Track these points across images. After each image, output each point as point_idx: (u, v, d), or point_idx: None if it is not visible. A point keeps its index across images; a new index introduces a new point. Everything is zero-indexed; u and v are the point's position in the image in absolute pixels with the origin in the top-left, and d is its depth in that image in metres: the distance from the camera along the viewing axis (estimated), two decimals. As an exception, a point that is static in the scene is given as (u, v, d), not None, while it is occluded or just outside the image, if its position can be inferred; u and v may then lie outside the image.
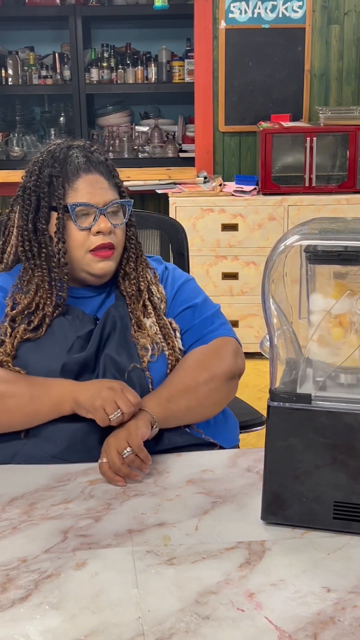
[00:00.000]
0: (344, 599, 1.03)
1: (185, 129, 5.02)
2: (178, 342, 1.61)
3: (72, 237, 1.55)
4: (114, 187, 1.60)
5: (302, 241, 1.15)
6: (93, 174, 1.57)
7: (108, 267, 1.58)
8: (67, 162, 1.56)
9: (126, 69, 4.92)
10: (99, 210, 1.54)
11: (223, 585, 1.06)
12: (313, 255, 1.12)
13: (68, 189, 1.55)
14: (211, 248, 4.17)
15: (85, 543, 1.17)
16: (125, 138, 4.96)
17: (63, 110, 5.10)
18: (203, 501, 1.30)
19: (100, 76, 4.91)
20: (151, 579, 1.08)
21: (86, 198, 1.54)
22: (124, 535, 1.19)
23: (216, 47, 4.53)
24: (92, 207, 1.54)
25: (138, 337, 1.56)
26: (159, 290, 1.67)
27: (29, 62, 4.94)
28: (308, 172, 4.17)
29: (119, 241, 1.59)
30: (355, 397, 1.15)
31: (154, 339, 1.57)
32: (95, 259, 1.56)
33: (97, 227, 1.55)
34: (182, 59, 4.90)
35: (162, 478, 1.39)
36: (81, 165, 1.56)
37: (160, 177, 4.48)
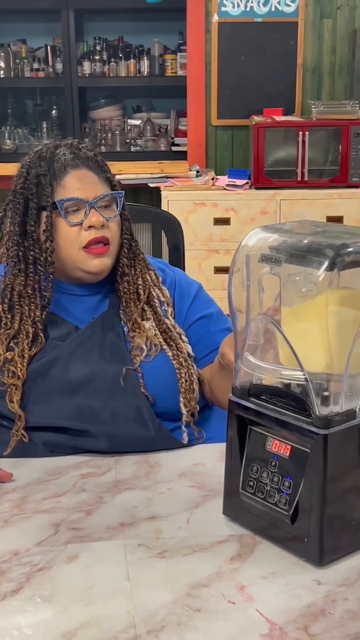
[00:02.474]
0: (334, 591, 1.03)
1: (178, 123, 5.01)
2: (187, 346, 1.60)
3: (62, 235, 1.54)
4: (104, 181, 1.59)
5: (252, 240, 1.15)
6: (81, 169, 1.56)
7: (104, 264, 1.56)
8: (54, 160, 1.56)
9: (118, 62, 4.91)
10: (89, 204, 1.53)
11: (214, 578, 1.06)
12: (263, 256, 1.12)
13: (56, 186, 1.54)
14: (203, 242, 4.17)
15: (77, 536, 1.18)
16: (117, 131, 4.95)
17: (55, 104, 5.09)
18: (195, 494, 1.30)
19: (93, 69, 4.90)
20: (143, 571, 1.08)
21: (76, 193, 1.53)
22: (116, 529, 1.20)
23: (209, 40, 4.53)
24: (81, 202, 1.53)
25: (133, 336, 1.56)
26: (164, 293, 1.65)
27: (21, 55, 4.92)
28: (300, 167, 4.17)
29: (114, 235, 1.58)
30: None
31: (152, 340, 1.56)
32: (89, 256, 1.55)
33: (88, 222, 1.53)
34: (174, 53, 4.90)
35: (153, 472, 1.39)
36: (68, 162, 1.55)
37: (152, 171, 4.48)
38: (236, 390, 1.18)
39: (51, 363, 1.50)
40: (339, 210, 4.15)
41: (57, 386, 1.49)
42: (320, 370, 1.08)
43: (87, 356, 1.51)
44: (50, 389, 1.49)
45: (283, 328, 1.12)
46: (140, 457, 1.45)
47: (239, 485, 1.18)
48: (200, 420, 1.56)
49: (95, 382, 1.49)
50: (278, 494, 1.12)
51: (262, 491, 1.14)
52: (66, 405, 1.47)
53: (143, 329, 1.56)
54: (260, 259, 1.11)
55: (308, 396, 1.08)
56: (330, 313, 1.06)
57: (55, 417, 1.47)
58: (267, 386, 1.17)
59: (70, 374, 1.49)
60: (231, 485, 1.20)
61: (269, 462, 1.14)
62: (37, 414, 1.47)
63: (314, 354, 1.09)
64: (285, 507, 1.11)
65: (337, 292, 1.06)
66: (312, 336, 1.08)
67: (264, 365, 1.16)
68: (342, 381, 1.09)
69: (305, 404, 1.10)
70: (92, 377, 1.49)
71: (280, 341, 1.14)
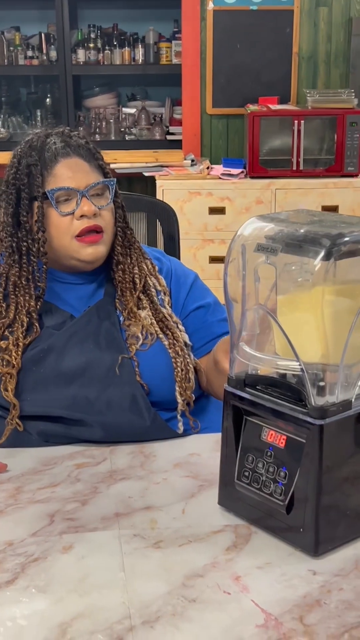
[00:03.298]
0: (329, 581, 1.03)
1: (173, 111, 4.99)
2: (183, 335, 1.60)
3: (54, 225, 1.53)
4: (96, 169, 1.57)
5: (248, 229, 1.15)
6: (72, 158, 1.54)
7: (98, 252, 1.55)
8: (44, 150, 1.54)
9: (113, 50, 4.88)
10: (80, 192, 1.52)
11: (210, 568, 1.06)
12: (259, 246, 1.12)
13: (47, 176, 1.53)
14: (198, 231, 4.16)
15: (72, 526, 1.18)
16: (112, 120, 4.93)
17: (49, 92, 5.06)
18: (190, 485, 1.30)
19: (87, 57, 4.87)
20: (138, 562, 1.08)
21: (66, 182, 1.52)
22: (111, 519, 1.19)
23: (204, 28, 4.50)
24: (72, 191, 1.52)
25: (129, 325, 1.55)
26: (160, 282, 1.65)
27: (14, 43, 4.89)
28: (296, 156, 4.16)
29: (107, 223, 1.57)
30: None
31: (148, 329, 1.56)
32: (82, 245, 1.54)
33: (80, 211, 1.52)
34: (169, 41, 4.87)
35: (149, 462, 1.39)
36: (59, 151, 1.54)
37: (147, 160, 4.46)
38: (232, 380, 1.18)
39: (46, 352, 1.50)
40: (334, 199, 4.14)
41: (52, 375, 1.48)
42: (316, 360, 1.08)
43: (82, 345, 1.51)
44: (45, 377, 1.48)
45: (279, 318, 1.12)
46: (136, 447, 1.45)
47: (234, 475, 1.18)
48: (195, 410, 1.56)
49: (91, 370, 1.49)
50: (273, 484, 1.12)
51: (257, 481, 1.14)
52: (61, 394, 1.47)
53: (139, 317, 1.56)
54: (256, 249, 1.11)
55: (304, 386, 1.08)
56: (327, 303, 1.05)
57: (50, 406, 1.47)
58: (262, 376, 1.17)
59: (65, 363, 1.49)
60: (226, 475, 1.19)
61: (265, 453, 1.14)
62: (32, 403, 1.47)
63: (310, 344, 1.08)
64: (280, 498, 1.11)
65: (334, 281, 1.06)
66: (308, 326, 1.08)
67: (259, 356, 1.16)
68: (338, 371, 1.08)
69: (301, 394, 1.09)
70: (87, 366, 1.49)
71: (276, 331, 1.14)
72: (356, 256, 1.07)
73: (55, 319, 1.55)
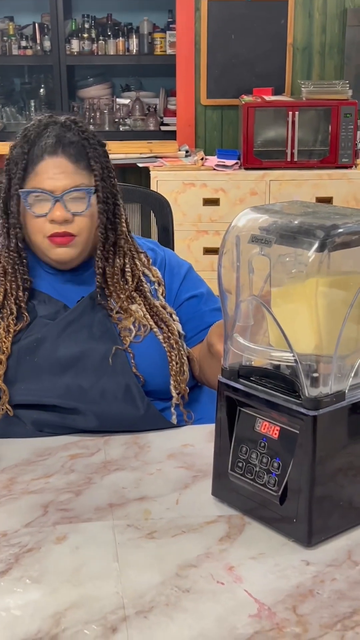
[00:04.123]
0: (322, 572, 1.04)
1: (167, 102, 4.98)
2: (177, 325, 1.60)
3: (29, 222, 1.53)
4: (83, 170, 1.53)
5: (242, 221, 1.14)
6: (58, 157, 1.51)
7: (67, 254, 1.54)
8: (36, 143, 1.52)
9: (107, 40, 4.86)
10: (54, 198, 1.50)
11: (203, 558, 1.07)
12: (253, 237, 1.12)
13: (30, 172, 1.52)
14: (193, 223, 4.16)
15: (65, 517, 1.18)
16: (106, 110, 4.91)
17: (43, 82, 5.04)
18: (184, 475, 1.30)
19: (81, 47, 4.85)
20: (132, 552, 1.08)
21: (44, 184, 1.50)
22: (105, 510, 1.20)
23: (198, 19, 4.49)
24: (46, 194, 1.50)
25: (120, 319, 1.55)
26: (154, 274, 1.64)
27: (8, 33, 4.87)
28: (290, 147, 4.15)
29: (82, 229, 1.53)
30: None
31: (140, 321, 1.55)
32: (51, 245, 1.53)
33: (51, 216, 1.51)
34: (163, 31, 4.85)
35: (142, 453, 1.39)
36: (47, 148, 1.51)
37: (141, 151, 4.45)
38: (225, 371, 1.18)
39: (40, 341, 1.50)
40: (328, 190, 4.14)
41: (46, 364, 1.48)
42: (310, 351, 1.08)
43: (76, 335, 1.51)
44: (39, 366, 1.48)
45: (273, 309, 1.12)
46: (129, 437, 1.45)
47: (228, 466, 1.18)
48: (189, 400, 1.56)
49: (85, 360, 1.49)
50: (267, 475, 1.12)
51: (251, 472, 1.14)
52: (55, 383, 1.47)
53: (130, 312, 1.55)
54: (250, 240, 1.11)
55: (297, 377, 1.08)
56: (320, 294, 1.05)
57: (44, 395, 1.47)
58: (256, 367, 1.17)
59: (59, 353, 1.49)
60: (220, 466, 1.20)
61: (258, 443, 1.14)
62: (26, 392, 1.47)
63: (304, 336, 1.08)
64: (274, 488, 1.11)
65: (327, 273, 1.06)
66: (302, 317, 1.08)
67: (253, 347, 1.16)
68: (331, 362, 1.08)
69: (295, 385, 1.09)
70: (81, 356, 1.49)
71: (270, 322, 1.14)
72: (350, 248, 1.07)
73: (49, 309, 1.55)
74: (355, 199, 4.14)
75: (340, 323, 1.08)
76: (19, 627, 0.94)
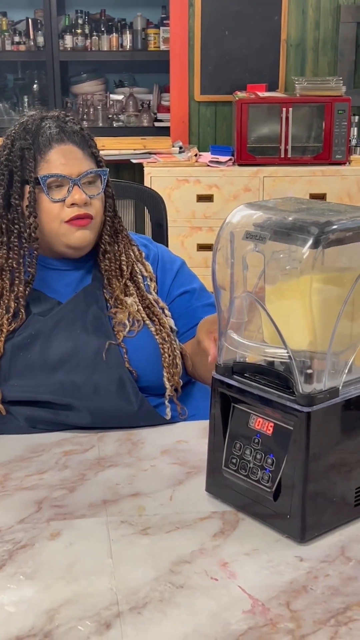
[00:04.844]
0: (316, 567, 1.04)
1: (161, 98, 4.97)
2: (169, 320, 1.60)
3: (44, 210, 1.53)
4: (89, 156, 1.57)
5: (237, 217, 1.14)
6: (66, 144, 1.54)
7: (86, 237, 1.55)
8: (39, 134, 1.54)
9: (101, 36, 4.85)
10: (72, 181, 1.52)
11: (197, 554, 1.07)
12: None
13: (40, 160, 1.52)
14: (186, 219, 4.16)
15: (59, 513, 1.17)
16: (99, 106, 4.91)
17: (36, 78, 5.03)
18: (177, 472, 1.30)
19: (75, 43, 4.84)
20: (125, 548, 1.08)
21: (59, 169, 1.52)
22: (99, 506, 1.20)
23: (192, 15, 4.48)
24: (65, 178, 1.52)
25: (115, 312, 1.55)
26: (146, 268, 1.64)
27: (1, 28, 4.85)
28: (284, 143, 4.15)
29: (97, 212, 1.56)
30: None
31: (134, 316, 1.55)
32: (71, 228, 1.53)
33: (71, 199, 1.52)
34: (157, 27, 4.84)
35: (136, 449, 1.39)
36: (54, 136, 1.53)
37: (135, 147, 4.44)
38: (219, 367, 1.18)
39: (33, 337, 1.50)
40: (321, 187, 4.14)
41: (39, 360, 1.48)
42: (304, 348, 1.08)
43: (69, 330, 1.51)
44: (32, 363, 1.48)
45: (267, 306, 1.12)
46: (123, 434, 1.45)
47: (221, 462, 1.18)
48: (183, 396, 1.56)
49: (78, 355, 1.49)
50: (261, 471, 1.12)
51: (245, 468, 1.14)
52: (48, 379, 1.47)
53: (125, 304, 1.56)
54: (245, 236, 1.11)
55: (291, 374, 1.08)
56: (314, 291, 1.05)
57: (37, 392, 1.47)
58: (250, 364, 1.17)
59: (52, 348, 1.49)
60: (214, 462, 1.20)
61: (252, 440, 1.14)
62: (20, 389, 1.47)
63: (298, 332, 1.08)
64: (268, 484, 1.11)
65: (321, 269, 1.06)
66: (296, 314, 1.08)
67: (247, 343, 1.16)
68: (325, 359, 1.08)
69: (289, 381, 1.09)
70: (74, 351, 1.49)
71: (264, 319, 1.14)
72: (344, 244, 1.07)
73: (42, 306, 1.55)
74: (349, 195, 4.14)
75: (334, 319, 1.08)
76: (12, 624, 0.94)
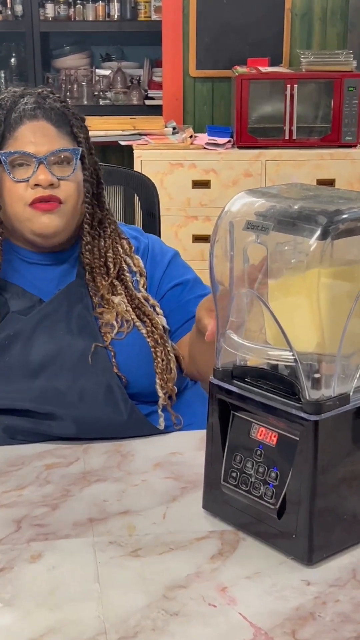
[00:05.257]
0: (325, 592, 1.04)
1: (152, 74, 4.97)
2: (161, 319, 1.60)
3: (7, 191, 1.54)
4: (66, 135, 1.57)
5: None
6: (39, 121, 1.54)
7: (52, 223, 1.54)
8: (13, 110, 1.55)
9: (85, 4, 4.85)
10: (38, 159, 1.52)
11: (193, 578, 1.07)
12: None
13: (8, 137, 1.54)
14: (180, 207, 4.16)
15: (41, 533, 1.18)
16: (84, 83, 4.91)
17: (14, 51, 5.02)
18: (171, 487, 1.30)
19: (57, 12, 4.84)
20: (114, 572, 1.09)
21: (26, 147, 1.52)
22: (84, 525, 1.20)
23: (187, -19, 4.49)
24: (29, 156, 1.52)
25: (102, 312, 1.55)
26: (135, 262, 1.64)
27: (-25, -5, 4.85)
28: (288, 124, 4.16)
29: (68, 195, 1.55)
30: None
31: (123, 316, 1.56)
32: (35, 212, 1.53)
33: (34, 180, 1.52)
34: (148, -6, 4.85)
35: (126, 462, 1.40)
36: (27, 112, 1.54)
37: (123, 127, 4.44)
38: (218, 372, 1.18)
39: (12, 338, 1.50)
40: (330, 172, 4.15)
41: (18, 364, 1.48)
42: (311, 349, 1.08)
43: (52, 331, 1.51)
44: (11, 367, 1.48)
45: (270, 303, 1.12)
46: (111, 445, 1.45)
47: (220, 476, 1.18)
48: (177, 404, 1.57)
49: (61, 359, 1.49)
50: (264, 486, 1.12)
51: (246, 483, 1.15)
52: (29, 385, 1.47)
53: (112, 304, 1.56)
54: (246, 227, 1.11)
55: (297, 378, 1.09)
56: (323, 286, 1.06)
57: (16, 399, 1.47)
58: (252, 367, 1.17)
59: (33, 351, 1.49)
60: (212, 476, 1.20)
61: (254, 451, 1.14)
62: None
63: (304, 332, 1.09)
64: (271, 501, 1.11)
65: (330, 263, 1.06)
66: (302, 312, 1.08)
67: (248, 345, 1.16)
68: (334, 362, 1.09)
69: (294, 387, 1.10)
70: (57, 354, 1.49)
71: (267, 318, 1.14)
72: (355, 235, 1.08)
73: (22, 303, 1.55)
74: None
75: (344, 318, 1.09)
76: (-11, 655, 0.94)
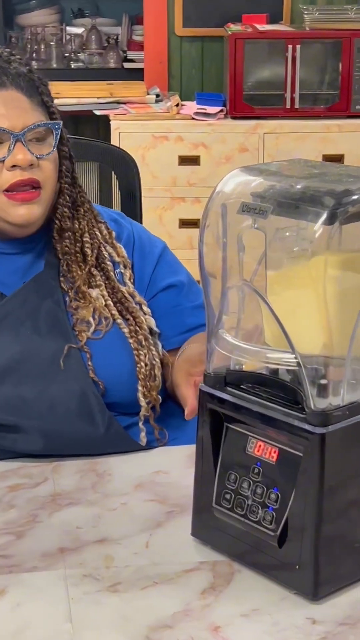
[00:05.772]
0: (333, 632, 1.05)
1: (132, 32, 4.97)
2: (148, 320, 1.61)
3: None
4: (39, 106, 1.56)
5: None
6: (8, 90, 1.53)
7: (31, 214, 1.54)
8: None
9: None
10: (14, 136, 1.51)
11: (181, 617, 1.07)
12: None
13: None
14: (165, 187, 4.16)
15: (4, 566, 1.18)
16: (53, 42, 4.90)
17: (-28, 5, 5.03)
18: (155, 511, 1.31)
19: None
20: (89, 610, 1.09)
21: None
22: (54, 556, 1.20)
23: None
24: (5, 132, 1.51)
25: (76, 307, 1.55)
26: (118, 252, 1.65)
27: None
28: (290, 91, 4.17)
29: (47, 177, 1.56)
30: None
31: (101, 312, 1.56)
32: (13, 203, 1.53)
33: (12, 159, 1.51)
34: None
35: (102, 482, 1.40)
36: None
37: (99, 94, 4.44)
38: (209, 377, 1.18)
39: None
40: (338, 146, 4.16)
41: None
42: (317, 352, 1.09)
43: (16, 330, 1.51)
44: None
45: (269, 298, 1.13)
46: (85, 463, 1.45)
47: (212, 498, 1.18)
48: (162, 416, 1.57)
49: (28, 363, 1.49)
50: (262, 510, 1.13)
51: (241, 506, 1.15)
52: None
53: (89, 298, 1.56)
54: (241, 210, 1.11)
55: (301, 385, 1.09)
56: (329, 278, 1.06)
57: None
58: (248, 373, 1.17)
59: None
60: (202, 498, 1.20)
61: (251, 469, 1.14)
62: None
63: (309, 331, 1.09)
64: (271, 527, 1.11)
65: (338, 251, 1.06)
66: (306, 308, 1.09)
67: (244, 346, 1.16)
68: (343, 366, 1.09)
69: (297, 395, 1.10)
70: (23, 358, 1.49)
71: (265, 315, 1.14)
72: (367, 219, 1.08)
73: None
74: (373, 156, 4.17)
75: (354, 315, 1.09)
76: None
